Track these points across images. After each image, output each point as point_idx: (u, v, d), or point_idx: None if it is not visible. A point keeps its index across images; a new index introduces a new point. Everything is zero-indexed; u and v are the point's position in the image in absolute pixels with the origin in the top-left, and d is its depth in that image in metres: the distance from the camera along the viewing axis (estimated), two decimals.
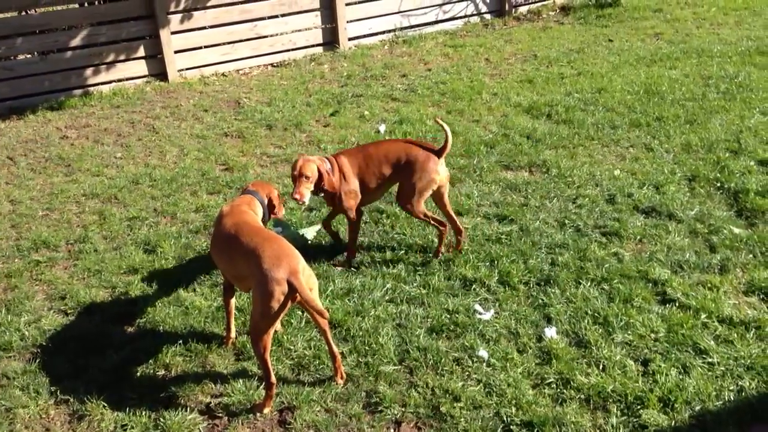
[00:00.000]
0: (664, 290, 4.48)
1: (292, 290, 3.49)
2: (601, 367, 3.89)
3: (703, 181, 5.78)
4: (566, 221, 5.35)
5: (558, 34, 10.46)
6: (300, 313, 4.37)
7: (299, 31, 10.02)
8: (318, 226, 5.42)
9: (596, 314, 4.29)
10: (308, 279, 3.63)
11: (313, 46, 10.14)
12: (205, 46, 9.42)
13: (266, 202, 4.31)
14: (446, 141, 4.78)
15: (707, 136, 6.56)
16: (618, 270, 4.69)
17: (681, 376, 3.78)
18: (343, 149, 5.53)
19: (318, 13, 10.01)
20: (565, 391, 3.75)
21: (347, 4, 10.10)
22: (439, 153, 4.80)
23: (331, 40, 10.22)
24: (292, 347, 4.16)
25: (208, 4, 9.27)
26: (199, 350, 4.19)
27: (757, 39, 9.40)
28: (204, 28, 9.35)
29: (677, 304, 4.33)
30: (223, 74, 9.47)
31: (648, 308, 4.32)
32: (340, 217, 5.20)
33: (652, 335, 4.09)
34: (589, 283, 4.59)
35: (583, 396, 3.71)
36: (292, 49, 9.99)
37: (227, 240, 3.87)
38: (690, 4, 11.46)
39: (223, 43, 9.51)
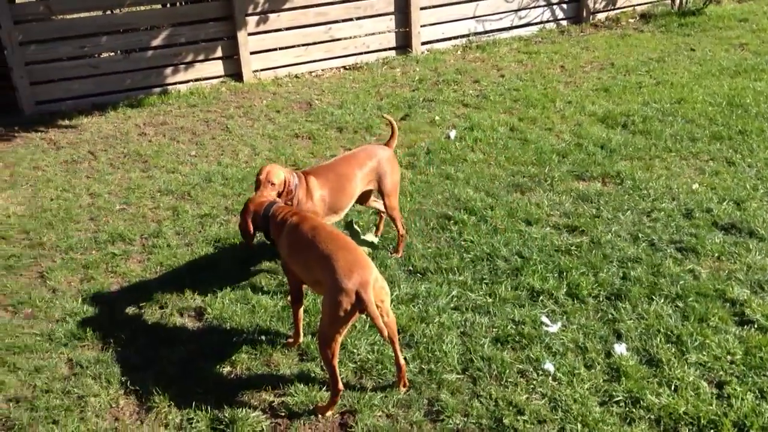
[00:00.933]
0: (742, 311, 4.30)
1: (360, 302, 3.48)
2: (672, 387, 3.75)
3: None
4: (640, 235, 5.20)
5: (637, 42, 10.19)
6: (364, 316, 4.37)
7: (373, 34, 10.05)
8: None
9: (669, 332, 4.15)
10: (379, 292, 3.60)
11: (386, 49, 10.17)
12: (280, 48, 9.56)
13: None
14: (393, 132, 5.18)
15: None
16: (694, 288, 4.53)
17: (758, 401, 3.62)
18: (313, 167, 5.20)
19: (392, 17, 10.03)
20: (634, 410, 3.64)
21: (422, 9, 10.08)
22: (389, 145, 5.18)
23: (404, 44, 10.22)
24: (355, 350, 4.16)
25: (285, 6, 9.41)
26: (264, 349, 4.24)
27: None
28: (279, 30, 9.49)
29: (756, 326, 4.15)
30: (296, 76, 9.58)
31: (725, 329, 4.15)
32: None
33: (728, 357, 3.93)
34: (662, 300, 4.44)
35: (653, 417, 3.59)
36: (365, 53, 10.04)
37: (306, 246, 3.86)
38: None
39: (298, 45, 9.63)
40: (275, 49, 9.53)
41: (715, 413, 3.56)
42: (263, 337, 4.33)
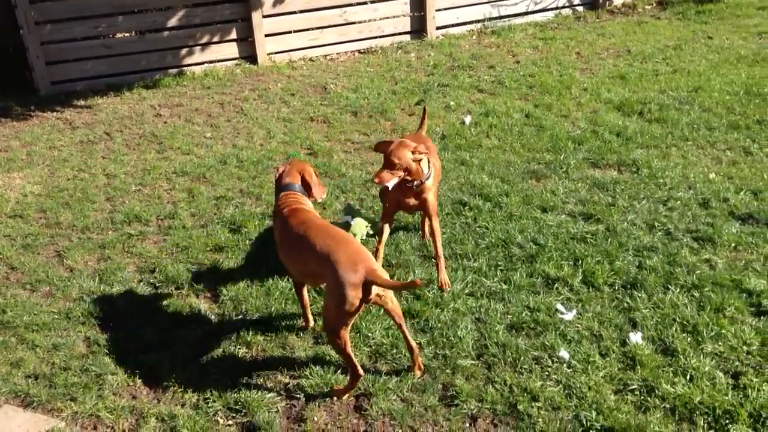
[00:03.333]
0: (759, 301, 4.28)
1: (368, 293, 3.51)
2: (688, 377, 3.75)
3: None
4: (656, 224, 5.18)
5: (654, 29, 10.11)
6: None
7: (387, 18, 10.01)
8: None
9: (685, 322, 4.15)
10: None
11: (400, 33, 10.12)
12: (294, 31, 9.53)
13: (301, 186, 4.18)
14: (423, 121, 5.05)
15: None
16: (710, 277, 4.51)
17: None
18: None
19: (407, 1, 9.97)
20: (649, 399, 3.64)
21: None
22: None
23: (418, 29, 10.17)
24: (370, 335, 4.18)
25: None
26: (280, 331, 4.27)
27: None
28: (294, 12, 9.46)
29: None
30: (310, 59, 9.56)
31: (741, 319, 4.14)
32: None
33: (745, 348, 3.93)
34: (678, 290, 4.43)
35: (668, 406, 3.59)
36: (380, 36, 9.99)
37: (299, 242, 3.83)
38: None
39: (312, 29, 9.60)
40: (290, 32, 9.52)
41: (731, 403, 3.56)
42: (279, 320, 4.35)
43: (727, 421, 3.47)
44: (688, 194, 5.56)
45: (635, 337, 4.04)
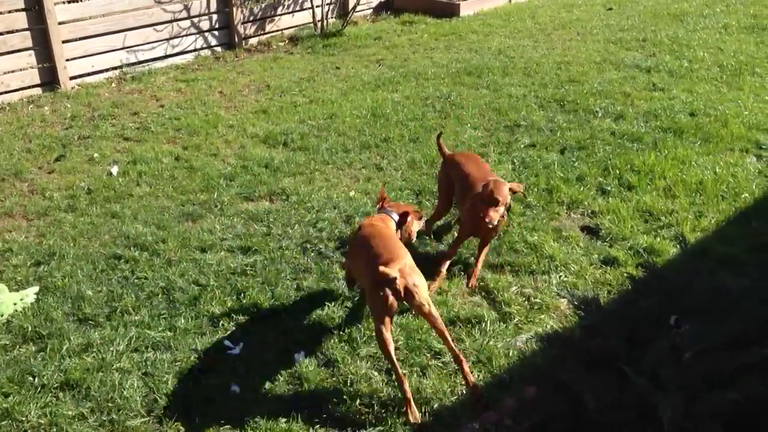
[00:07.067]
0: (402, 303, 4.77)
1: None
2: (349, 383, 4.05)
3: (428, 194, 6.29)
4: (308, 245, 5.51)
5: (288, 63, 10.74)
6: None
7: (13, 72, 9.21)
8: (36, 288, 4.98)
9: (341, 332, 4.47)
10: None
11: (30, 87, 9.37)
12: None
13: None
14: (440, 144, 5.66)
15: (429, 153, 7.13)
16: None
17: (420, 379, 4.07)
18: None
19: (31, 52, 9.27)
20: (318, 412, 3.85)
21: (64, 42, 9.47)
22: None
23: (50, 80, 9.51)
24: (24, 418, 3.80)
25: None
26: None
27: (464, 61, 10.41)
28: None
29: (412, 312, 4.64)
30: None
31: None
32: None
33: (394, 344, 4.35)
34: (333, 304, 4.76)
35: (337, 414, 3.84)
36: (6, 92, 9.14)
37: None
38: (405, 32, 12.35)
39: None
40: None
41: (388, 396, 3.93)
42: None
43: (385, 414, 3.82)
44: (333, 214, 6.00)
45: (299, 356, 4.25)
